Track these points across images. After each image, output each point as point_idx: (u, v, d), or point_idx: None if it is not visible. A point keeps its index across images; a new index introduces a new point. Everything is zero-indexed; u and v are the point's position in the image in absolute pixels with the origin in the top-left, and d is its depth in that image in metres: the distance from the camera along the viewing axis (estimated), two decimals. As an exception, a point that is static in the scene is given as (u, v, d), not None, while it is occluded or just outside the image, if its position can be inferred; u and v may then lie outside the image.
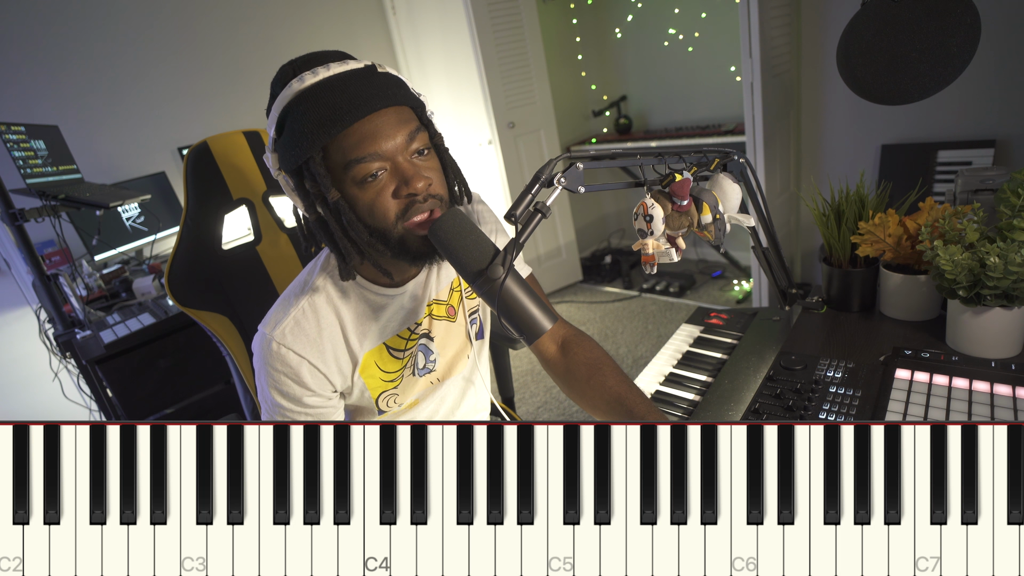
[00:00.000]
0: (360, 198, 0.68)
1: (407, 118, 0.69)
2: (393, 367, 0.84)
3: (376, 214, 0.68)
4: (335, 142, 0.66)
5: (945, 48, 0.92)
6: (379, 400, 0.85)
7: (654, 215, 0.72)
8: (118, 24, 2.45)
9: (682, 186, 0.73)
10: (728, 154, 0.85)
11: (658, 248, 0.74)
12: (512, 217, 0.62)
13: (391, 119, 0.67)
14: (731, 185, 0.84)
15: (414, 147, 0.69)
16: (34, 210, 1.65)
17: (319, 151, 0.66)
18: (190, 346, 1.77)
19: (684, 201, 0.74)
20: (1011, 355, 0.84)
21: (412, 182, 0.67)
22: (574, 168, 0.66)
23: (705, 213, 0.78)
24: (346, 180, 0.67)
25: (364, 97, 0.65)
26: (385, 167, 0.67)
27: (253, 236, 1.11)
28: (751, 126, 2.32)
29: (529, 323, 0.62)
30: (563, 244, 3.41)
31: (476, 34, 2.84)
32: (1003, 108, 2.01)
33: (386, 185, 0.68)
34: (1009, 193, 0.85)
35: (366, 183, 0.67)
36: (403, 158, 0.68)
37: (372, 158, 0.66)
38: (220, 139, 1.08)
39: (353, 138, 0.65)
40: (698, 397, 0.93)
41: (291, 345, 0.74)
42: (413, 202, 0.68)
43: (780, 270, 1.04)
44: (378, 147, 0.66)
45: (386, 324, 0.82)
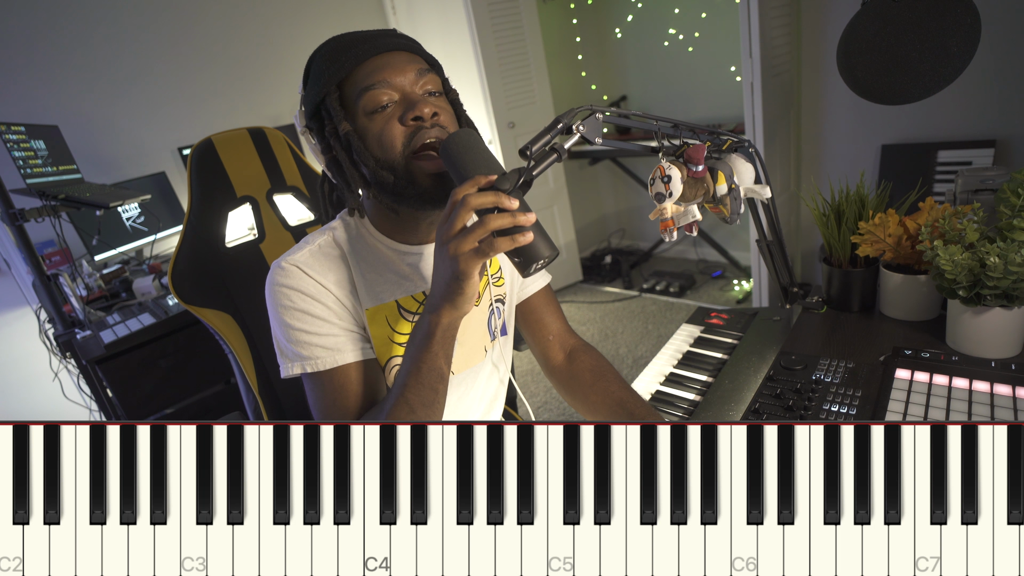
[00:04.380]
0: (370, 128, 0.70)
1: (419, 61, 0.73)
2: (404, 329, 0.81)
3: (384, 143, 0.70)
4: (350, 78, 0.70)
5: (945, 48, 0.92)
6: (387, 369, 0.81)
7: (672, 175, 0.71)
8: (118, 24, 2.45)
9: (697, 150, 0.72)
10: (740, 139, 0.85)
11: (677, 211, 0.73)
12: (527, 152, 0.62)
13: (404, 58, 0.71)
14: (744, 163, 0.83)
15: (425, 85, 0.72)
16: (34, 210, 1.65)
17: (335, 89, 0.70)
18: (190, 346, 1.77)
19: (699, 167, 0.73)
20: (1011, 355, 0.84)
21: (418, 106, 0.69)
22: (593, 118, 0.66)
23: (720, 183, 0.77)
24: (358, 113, 0.70)
25: (382, 40, 0.71)
26: (395, 99, 0.70)
27: (257, 234, 1.11)
28: (751, 126, 2.32)
29: (528, 247, 0.59)
30: (563, 244, 3.40)
31: (476, 34, 2.84)
32: (1003, 108, 2.01)
33: (394, 114, 0.70)
34: (1009, 193, 0.85)
35: (376, 113, 0.70)
36: (413, 90, 0.71)
37: (382, 85, 0.69)
38: (224, 136, 1.08)
39: (366, 69, 0.70)
40: (698, 397, 0.93)
41: (301, 266, 0.75)
42: (419, 127, 0.70)
43: (783, 265, 1.04)
44: (387, 76, 0.69)
45: (399, 281, 0.80)
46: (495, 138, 3.05)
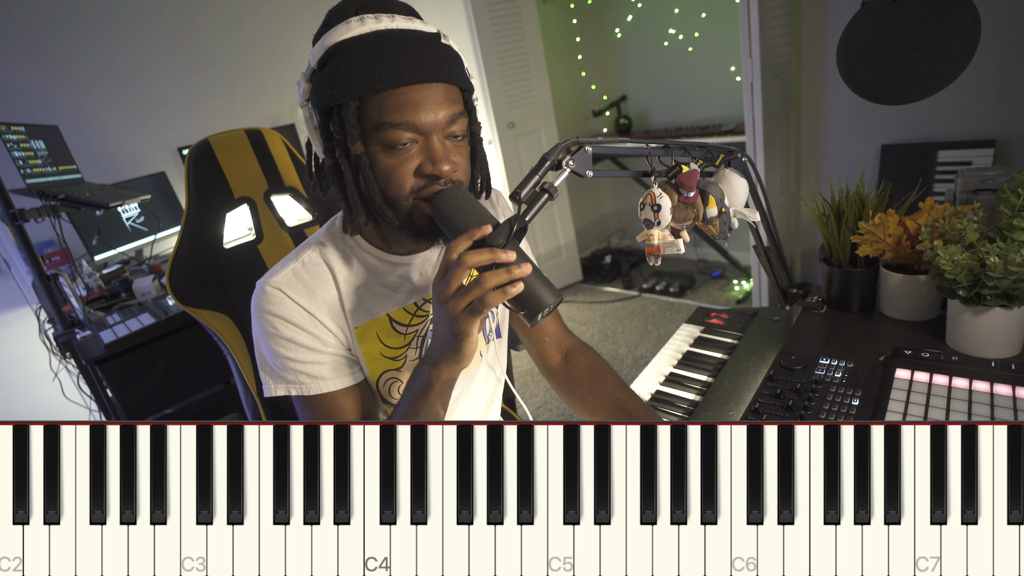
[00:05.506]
0: (383, 161, 0.66)
1: (454, 99, 0.67)
2: (396, 343, 0.81)
3: (392, 182, 0.67)
4: (375, 98, 0.64)
5: (945, 48, 0.92)
6: (381, 383, 0.81)
7: (662, 204, 0.72)
8: (118, 24, 2.45)
9: (689, 177, 0.73)
10: (732, 152, 0.85)
11: (664, 239, 0.74)
12: (517, 196, 0.61)
13: (439, 95, 0.65)
14: (738, 180, 0.83)
15: (452, 130, 0.67)
16: (34, 210, 1.65)
17: (356, 100, 0.64)
18: (190, 346, 1.77)
19: (691, 193, 0.74)
20: (1011, 355, 0.84)
21: (439, 163, 0.65)
22: (582, 151, 0.66)
23: (711, 206, 0.78)
24: (374, 138, 0.65)
25: (421, 64, 0.63)
26: (417, 140, 0.66)
27: (255, 235, 1.11)
28: (751, 126, 2.32)
29: (530, 297, 0.59)
30: (563, 244, 3.41)
31: (476, 34, 2.85)
32: (1003, 108, 2.01)
33: (412, 158, 0.66)
34: (1009, 193, 0.85)
35: (394, 149, 0.65)
36: (438, 137, 0.66)
37: (407, 127, 0.64)
38: (222, 138, 1.08)
39: (395, 100, 0.63)
40: (698, 397, 0.93)
41: (284, 289, 0.73)
42: (431, 183, 0.67)
43: (781, 269, 1.04)
44: (418, 118, 0.64)
45: (390, 294, 0.79)
46: (495, 138, 3.05)
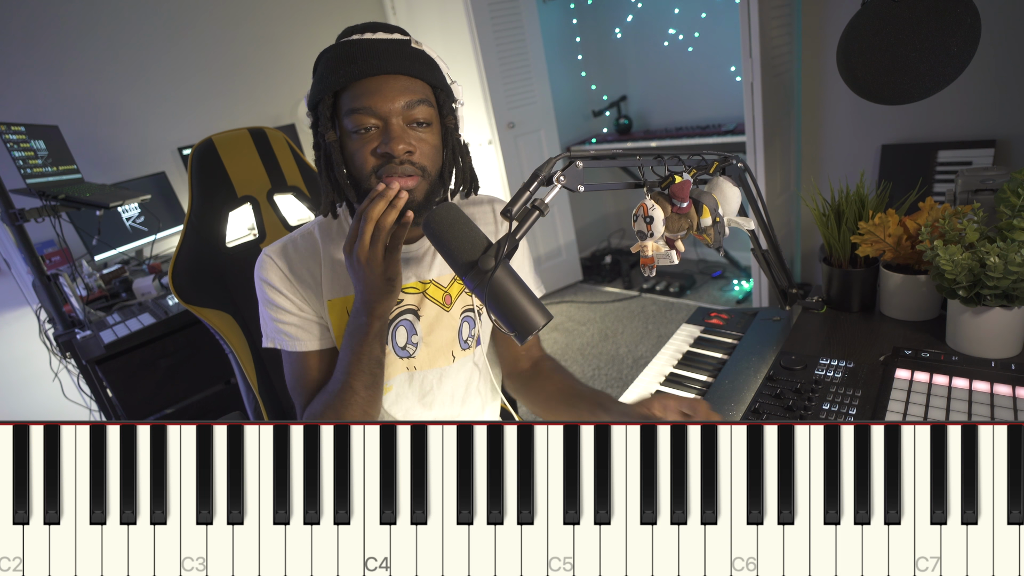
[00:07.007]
0: (348, 146, 0.74)
1: (416, 89, 0.73)
2: None
3: (355, 162, 0.74)
4: (346, 90, 0.73)
5: (945, 48, 0.92)
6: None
7: (655, 216, 0.72)
8: (118, 24, 2.45)
9: (682, 188, 0.73)
10: (727, 158, 0.85)
11: (657, 250, 0.74)
12: (508, 213, 0.62)
13: (398, 84, 0.72)
14: (731, 188, 0.83)
15: (413, 115, 0.73)
16: (34, 210, 1.65)
17: (331, 96, 0.73)
18: (190, 346, 1.77)
19: (684, 203, 0.74)
20: (1011, 355, 0.84)
21: (393, 142, 0.71)
22: (574, 167, 0.66)
23: (705, 216, 0.78)
24: (344, 126, 0.74)
25: (383, 59, 0.72)
26: (378, 125, 0.72)
27: (257, 234, 1.11)
28: (751, 126, 2.32)
29: (521, 318, 0.60)
30: (563, 244, 3.40)
31: (476, 34, 2.84)
32: (1003, 108, 2.01)
33: (372, 139, 0.73)
34: (1009, 193, 0.85)
35: (357, 134, 0.73)
36: (396, 121, 0.72)
37: (366, 112, 0.71)
38: (225, 136, 1.08)
39: (359, 90, 0.72)
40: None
41: (274, 257, 0.82)
42: (387, 162, 0.72)
43: (780, 271, 1.04)
44: (374, 103, 0.71)
45: None
46: (495, 138, 3.05)
